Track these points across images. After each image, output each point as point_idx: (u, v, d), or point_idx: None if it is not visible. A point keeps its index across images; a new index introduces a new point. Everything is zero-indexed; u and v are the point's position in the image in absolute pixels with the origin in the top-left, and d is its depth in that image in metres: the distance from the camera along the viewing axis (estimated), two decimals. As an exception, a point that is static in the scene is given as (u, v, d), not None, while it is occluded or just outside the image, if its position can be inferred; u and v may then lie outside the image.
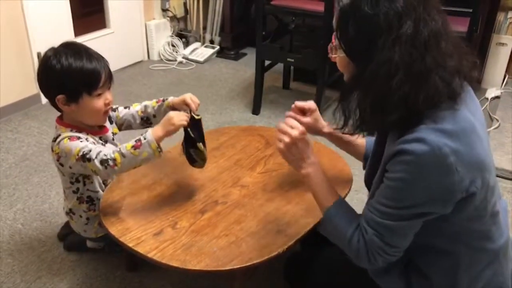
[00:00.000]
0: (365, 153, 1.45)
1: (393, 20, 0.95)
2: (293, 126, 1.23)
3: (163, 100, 1.67)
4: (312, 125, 1.45)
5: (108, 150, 1.44)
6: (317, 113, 1.46)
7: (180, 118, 1.43)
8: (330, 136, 1.49)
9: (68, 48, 1.50)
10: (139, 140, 1.41)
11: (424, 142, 0.95)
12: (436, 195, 0.98)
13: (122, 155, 1.41)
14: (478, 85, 3.42)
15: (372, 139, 1.34)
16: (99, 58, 1.51)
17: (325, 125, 1.47)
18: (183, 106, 1.59)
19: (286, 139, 1.21)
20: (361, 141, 1.46)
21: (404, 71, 0.96)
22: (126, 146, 1.42)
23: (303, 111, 1.45)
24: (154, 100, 1.70)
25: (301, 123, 1.42)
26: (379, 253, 1.06)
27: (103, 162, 1.41)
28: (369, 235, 1.06)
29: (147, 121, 1.72)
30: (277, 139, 1.24)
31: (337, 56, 1.08)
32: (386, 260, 1.08)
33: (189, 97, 1.57)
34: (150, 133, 1.41)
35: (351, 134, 1.10)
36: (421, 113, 0.99)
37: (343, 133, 1.12)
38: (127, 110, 1.73)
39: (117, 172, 1.48)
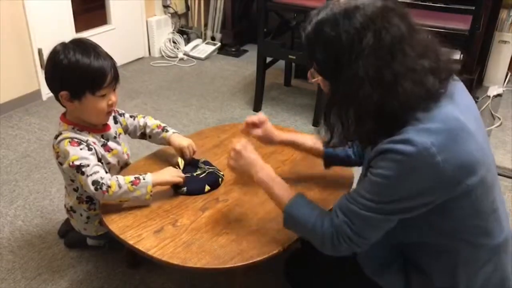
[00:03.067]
0: (324, 153, 1.50)
1: (354, 36, 0.99)
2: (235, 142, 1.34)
3: (163, 129, 1.72)
4: (263, 136, 1.53)
5: (106, 175, 1.45)
6: (268, 124, 1.54)
7: (178, 175, 1.52)
8: (284, 144, 1.56)
9: (77, 44, 1.48)
10: (138, 178, 1.44)
11: (411, 143, 0.96)
12: (419, 192, 1.00)
13: (119, 185, 1.42)
14: (479, 83, 3.41)
15: None
16: (107, 57, 1.49)
17: (280, 135, 1.55)
18: (178, 151, 1.66)
19: (231, 153, 1.33)
20: (317, 142, 1.52)
21: (369, 83, 0.99)
22: (125, 179, 1.44)
23: (256, 125, 1.52)
24: (156, 123, 1.74)
25: (253, 136, 1.53)
26: (345, 240, 1.08)
27: (95, 183, 1.42)
28: (339, 220, 1.08)
29: (143, 137, 1.77)
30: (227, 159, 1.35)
31: (317, 79, 1.13)
32: (350, 248, 1.10)
33: (187, 146, 1.64)
34: (150, 177, 1.46)
35: (337, 147, 1.14)
36: (401, 116, 1.00)
37: (330, 146, 1.17)
38: (132, 120, 1.74)
39: (104, 199, 1.45)
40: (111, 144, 1.62)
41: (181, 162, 1.62)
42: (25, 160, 2.48)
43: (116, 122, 1.69)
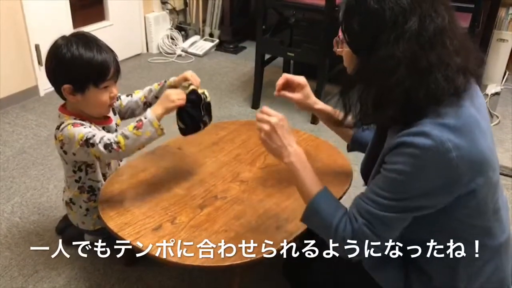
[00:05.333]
0: (353, 135, 1.44)
1: (398, 15, 0.95)
2: (271, 114, 1.22)
3: (165, 82, 1.69)
4: (303, 101, 1.44)
5: (111, 135, 1.44)
6: (308, 88, 1.44)
7: (178, 95, 1.43)
8: (320, 113, 1.47)
9: (79, 38, 1.49)
10: (140, 120, 1.41)
11: (427, 136, 0.95)
12: (433, 189, 0.98)
13: (125, 137, 1.40)
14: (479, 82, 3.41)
15: None
16: (109, 50, 1.50)
17: (317, 102, 1.46)
18: (183, 82, 1.59)
19: (266, 127, 1.20)
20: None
21: (405, 67, 0.95)
22: (128, 127, 1.42)
23: (292, 87, 1.43)
24: (156, 84, 1.72)
25: (291, 98, 1.43)
26: (365, 243, 1.06)
27: (107, 146, 1.41)
28: (358, 224, 1.05)
29: (150, 106, 1.72)
30: (257, 128, 1.22)
31: (343, 50, 1.08)
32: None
33: (189, 74, 1.58)
34: (150, 112, 1.41)
35: (351, 127, 1.09)
36: (423, 108, 0.98)
37: (344, 126, 1.11)
38: (129, 98, 1.73)
39: (122, 155, 1.46)
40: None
41: (188, 86, 1.53)
42: (22, 156, 2.47)
43: (114, 113, 1.69)
